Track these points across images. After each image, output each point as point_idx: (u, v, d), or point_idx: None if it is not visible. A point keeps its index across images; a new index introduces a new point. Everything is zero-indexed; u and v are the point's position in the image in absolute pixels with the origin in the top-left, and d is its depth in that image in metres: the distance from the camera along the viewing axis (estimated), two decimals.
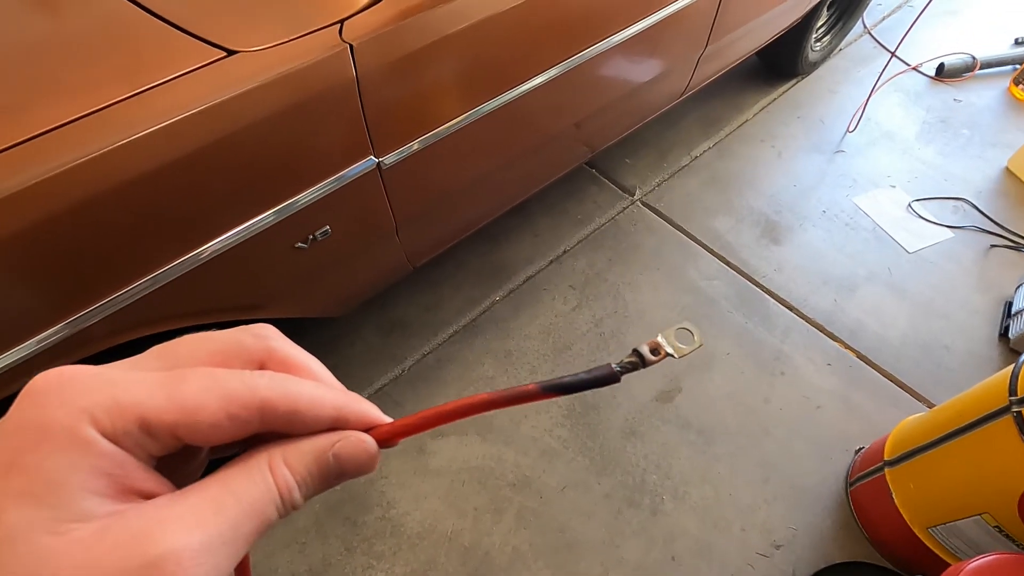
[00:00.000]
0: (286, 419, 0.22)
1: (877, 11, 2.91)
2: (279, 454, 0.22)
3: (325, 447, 0.23)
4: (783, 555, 1.38)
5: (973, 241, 2.02)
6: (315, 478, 0.23)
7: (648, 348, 0.26)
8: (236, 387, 0.21)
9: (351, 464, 0.23)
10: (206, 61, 0.85)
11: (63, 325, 0.82)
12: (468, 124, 1.17)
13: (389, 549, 1.37)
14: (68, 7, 0.91)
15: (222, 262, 0.95)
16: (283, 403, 0.22)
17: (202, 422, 0.20)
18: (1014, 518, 1.03)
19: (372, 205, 1.15)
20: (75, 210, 0.76)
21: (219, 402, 0.20)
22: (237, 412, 0.21)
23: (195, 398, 0.20)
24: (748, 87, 2.50)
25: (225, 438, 0.21)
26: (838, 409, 1.62)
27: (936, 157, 2.27)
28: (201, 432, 0.20)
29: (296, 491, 0.22)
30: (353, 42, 0.92)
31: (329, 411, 0.23)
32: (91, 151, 0.75)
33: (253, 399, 0.21)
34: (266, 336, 0.24)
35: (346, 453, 0.23)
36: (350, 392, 0.24)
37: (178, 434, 0.20)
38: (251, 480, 0.21)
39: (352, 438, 0.23)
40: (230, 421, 0.21)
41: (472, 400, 0.24)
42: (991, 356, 1.74)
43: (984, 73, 2.59)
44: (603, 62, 1.40)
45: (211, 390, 0.20)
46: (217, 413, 0.20)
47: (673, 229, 2.01)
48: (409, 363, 1.67)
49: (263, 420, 0.21)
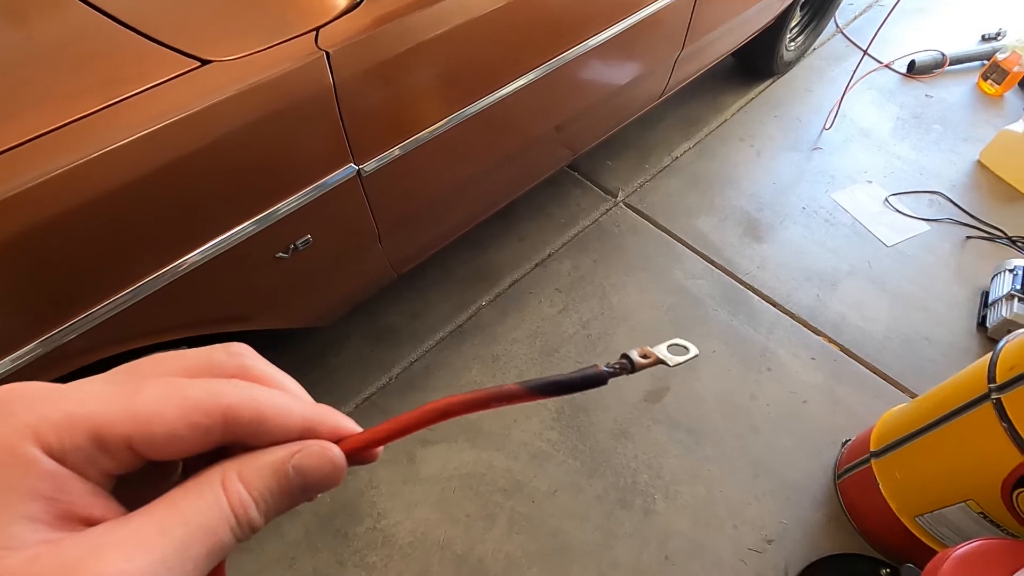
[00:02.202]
0: (251, 429, 0.20)
1: (848, 11, 2.96)
2: (233, 469, 0.20)
3: (284, 459, 0.21)
4: (775, 550, 1.39)
5: (949, 233, 2.06)
6: (275, 494, 0.21)
7: (638, 353, 0.26)
8: (197, 394, 0.20)
9: (314, 476, 0.21)
10: (180, 71, 0.84)
11: (37, 343, 0.81)
12: (448, 130, 1.17)
13: (381, 560, 1.35)
14: (38, 20, 0.89)
15: (202, 274, 0.94)
16: (248, 411, 0.20)
17: (158, 432, 0.19)
18: (998, 503, 1.05)
19: (353, 213, 1.14)
20: (49, 224, 0.75)
21: (177, 410, 0.19)
22: (198, 420, 0.19)
23: (151, 406, 0.19)
24: (726, 88, 2.53)
25: (186, 450, 0.20)
26: (824, 403, 1.63)
27: (910, 152, 2.32)
28: (157, 443, 0.19)
29: (252, 509, 0.20)
30: (329, 49, 0.91)
31: (298, 421, 0.22)
32: (64, 164, 0.74)
33: (215, 406, 0.20)
34: (240, 354, 0.23)
35: (307, 464, 0.21)
36: (322, 405, 0.23)
37: (134, 446, 0.19)
38: (201, 498, 0.19)
39: (314, 447, 0.22)
40: (190, 430, 0.19)
41: (449, 401, 0.23)
42: (970, 346, 1.77)
43: (953, 69, 2.65)
44: (581, 65, 1.41)
45: (169, 398, 0.19)
46: (175, 422, 0.19)
47: (657, 230, 2.02)
48: (396, 371, 1.66)
49: (226, 430, 0.20)
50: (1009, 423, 0.99)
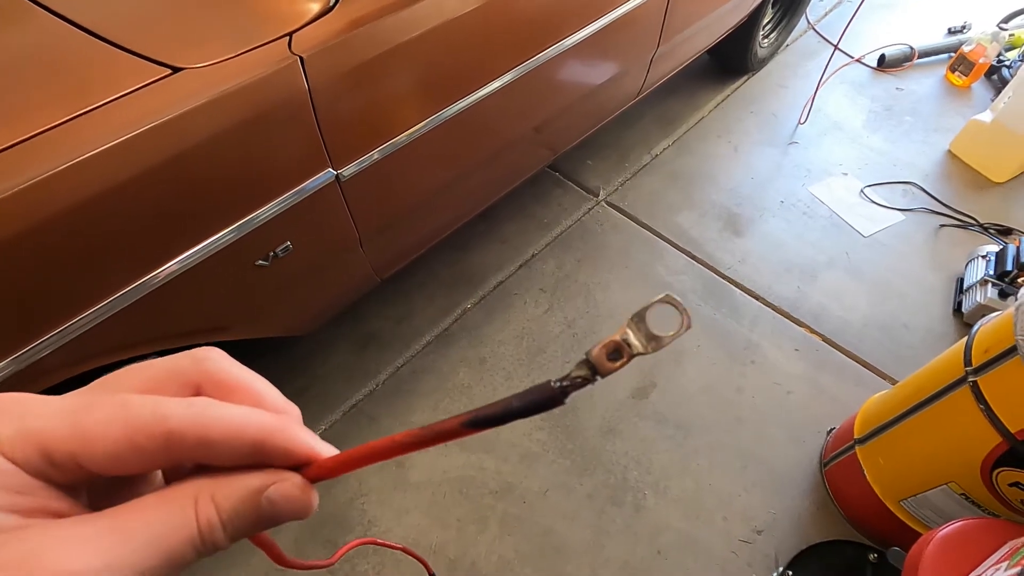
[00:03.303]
0: (198, 452, 0.21)
1: (819, 7, 3.02)
2: (208, 489, 0.21)
3: (259, 488, 0.21)
4: (765, 539, 1.40)
5: (923, 222, 2.10)
6: (245, 520, 0.21)
7: (604, 351, 0.21)
8: (143, 416, 0.20)
9: (286, 509, 0.22)
10: (151, 79, 0.83)
11: (8, 361, 0.79)
12: (426, 132, 1.17)
13: (372, 568, 1.34)
14: (2, 30, 0.88)
15: (180, 284, 0.93)
16: (192, 433, 0.20)
17: (99, 452, 0.19)
18: (978, 484, 1.07)
19: (333, 218, 1.13)
20: (18, 237, 0.73)
21: (122, 432, 0.19)
22: (140, 442, 0.20)
23: (96, 428, 0.19)
24: (702, 85, 2.56)
25: (132, 469, 0.20)
26: (808, 393, 1.66)
27: (883, 144, 2.36)
28: (99, 462, 0.20)
29: (219, 531, 0.21)
30: (303, 54, 0.91)
31: (247, 440, 0.21)
32: (33, 176, 0.72)
33: (158, 429, 0.20)
34: (204, 358, 0.23)
35: (280, 497, 0.22)
36: (283, 417, 0.23)
37: (80, 463, 0.19)
38: (170, 512, 0.20)
39: (287, 482, 0.22)
40: (133, 452, 0.20)
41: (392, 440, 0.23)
42: (947, 331, 1.80)
43: (922, 62, 2.71)
44: (558, 66, 1.42)
45: (116, 419, 0.20)
46: (117, 443, 0.19)
47: (638, 227, 2.03)
48: (383, 377, 1.65)
49: (170, 451, 0.20)
50: (986, 404, 1.01)
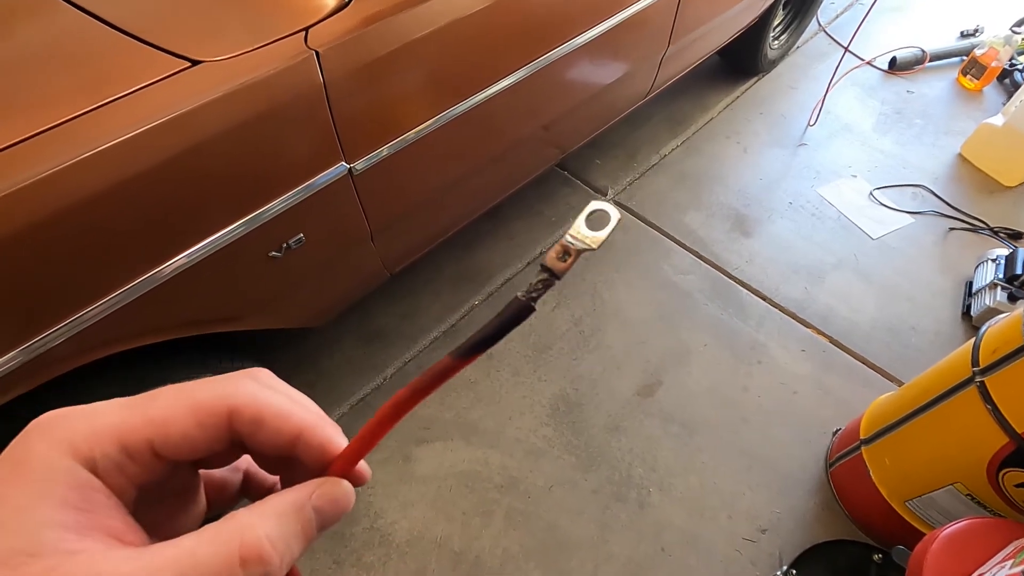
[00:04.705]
0: (251, 428, 0.22)
1: (830, 9, 3.01)
2: (254, 522, 0.21)
3: (303, 499, 0.22)
4: (769, 539, 1.41)
5: (933, 225, 2.09)
6: (297, 537, 0.22)
7: (555, 254, 0.23)
8: (206, 395, 0.22)
9: (332, 512, 0.23)
10: (170, 72, 0.84)
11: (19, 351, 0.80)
12: (438, 128, 1.18)
13: (378, 559, 1.35)
14: (23, 22, 0.89)
15: (194, 274, 0.94)
16: (249, 410, 0.22)
17: (173, 432, 0.21)
18: (984, 485, 1.07)
19: (345, 212, 1.15)
20: (38, 227, 0.75)
21: (187, 411, 0.21)
22: (205, 420, 0.21)
23: (164, 411, 0.21)
24: (712, 86, 2.56)
25: (201, 447, 0.22)
26: (814, 393, 1.65)
27: (893, 147, 2.36)
28: (173, 443, 0.21)
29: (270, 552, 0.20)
30: (319, 49, 0.92)
31: (291, 429, 0.23)
32: (53, 166, 0.73)
33: (221, 406, 0.22)
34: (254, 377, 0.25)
35: (325, 502, 0.23)
36: (322, 416, 0.25)
37: (155, 448, 0.21)
38: (218, 554, 0.20)
39: (327, 485, 0.23)
40: (200, 429, 0.21)
41: (396, 399, 0.24)
42: (955, 334, 1.80)
43: (934, 65, 2.70)
44: (568, 64, 1.43)
45: (180, 401, 0.21)
46: (186, 421, 0.21)
47: (646, 226, 2.04)
48: (390, 372, 1.66)
49: (232, 427, 0.22)
50: (993, 405, 1.01)
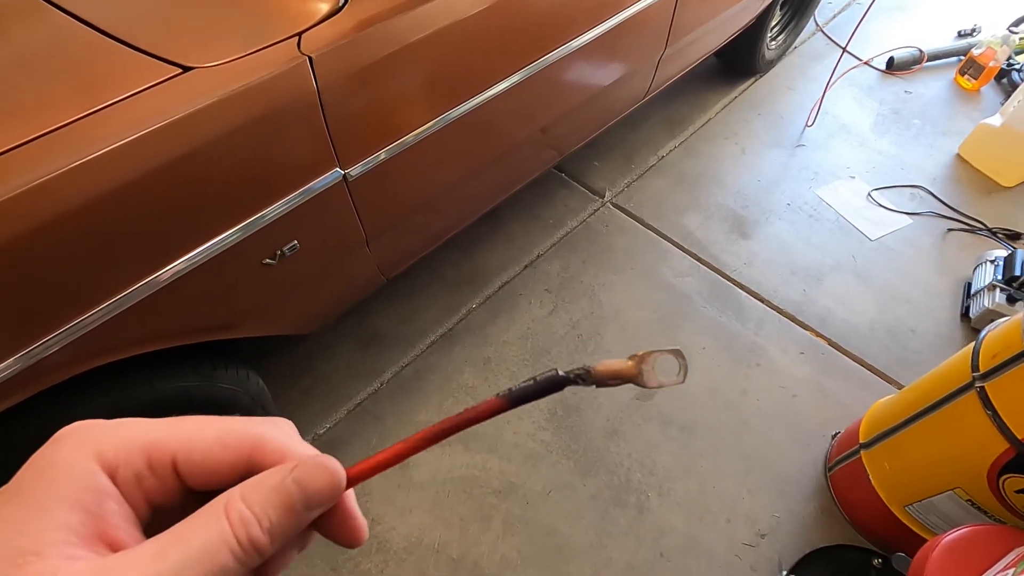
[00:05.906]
0: (275, 459, 0.23)
1: (828, 9, 3.01)
2: (237, 491, 0.22)
3: (284, 473, 0.22)
4: (768, 543, 1.40)
5: (931, 226, 2.09)
6: (278, 510, 0.21)
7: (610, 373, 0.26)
8: (233, 425, 0.23)
9: (314, 487, 0.22)
10: (161, 78, 0.83)
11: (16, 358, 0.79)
12: (433, 132, 1.17)
13: (376, 567, 1.35)
14: (14, 29, 0.88)
15: (188, 282, 0.93)
16: (275, 444, 0.24)
17: (197, 450, 0.22)
18: (984, 490, 1.06)
19: (340, 218, 1.14)
20: (30, 235, 0.74)
21: (214, 433, 0.23)
22: (231, 443, 0.23)
23: (192, 432, 0.23)
24: (709, 87, 2.55)
25: (221, 473, 0.23)
26: (813, 396, 1.65)
27: (891, 147, 2.35)
28: (196, 460, 0.22)
29: (255, 527, 0.21)
30: (312, 54, 0.91)
31: None
32: (45, 173, 0.72)
33: (248, 435, 0.23)
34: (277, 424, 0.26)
35: (306, 476, 0.22)
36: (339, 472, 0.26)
37: (177, 465, 0.22)
38: (204, 523, 0.20)
39: (310, 461, 0.23)
40: (224, 451, 0.23)
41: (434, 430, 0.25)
42: (954, 336, 1.79)
43: (931, 65, 2.70)
44: (565, 67, 1.42)
45: (208, 424, 0.23)
46: (212, 443, 0.22)
47: (644, 228, 2.03)
48: (388, 376, 1.65)
49: (253, 457, 0.23)
50: (993, 410, 1.01)
